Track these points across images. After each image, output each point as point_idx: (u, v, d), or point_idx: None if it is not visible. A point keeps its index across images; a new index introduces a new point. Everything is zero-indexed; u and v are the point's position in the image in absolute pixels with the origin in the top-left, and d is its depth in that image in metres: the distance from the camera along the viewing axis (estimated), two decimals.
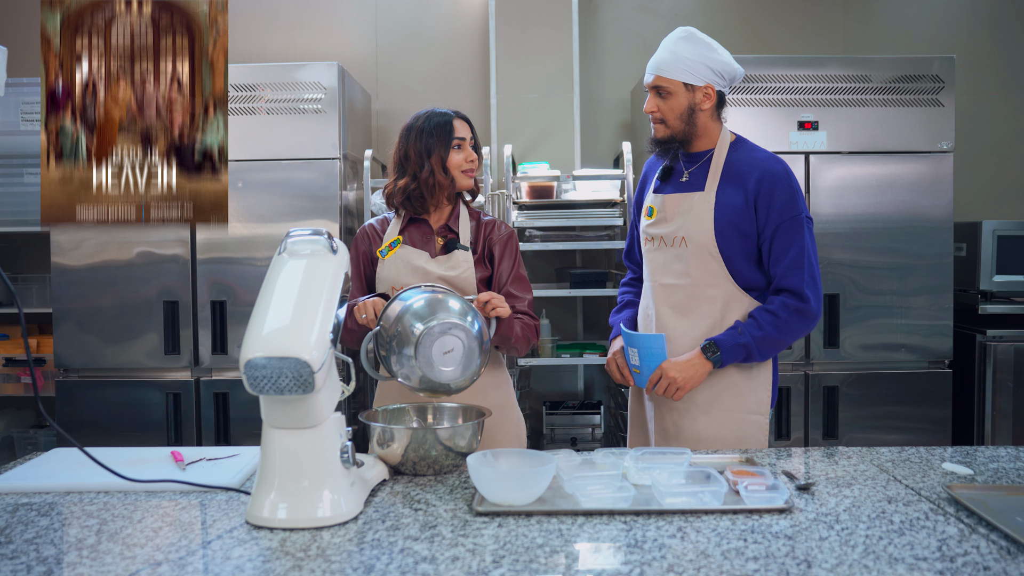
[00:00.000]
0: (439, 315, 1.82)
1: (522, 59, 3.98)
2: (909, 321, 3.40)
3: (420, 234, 2.20)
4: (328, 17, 4.19)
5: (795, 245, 2.00)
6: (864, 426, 3.41)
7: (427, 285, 2.00)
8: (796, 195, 2.02)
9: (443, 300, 1.86)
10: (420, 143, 2.14)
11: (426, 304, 1.85)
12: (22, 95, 3.75)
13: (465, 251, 2.17)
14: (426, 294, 1.89)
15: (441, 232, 2.21)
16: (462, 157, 2.16)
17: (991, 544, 1.31)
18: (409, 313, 1.84)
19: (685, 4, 4.17)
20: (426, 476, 1.73)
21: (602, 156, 4.16)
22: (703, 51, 2.04)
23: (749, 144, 2.12)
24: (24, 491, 1.65)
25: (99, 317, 3.39)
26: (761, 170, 2.03)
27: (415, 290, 1.94)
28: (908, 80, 3.39)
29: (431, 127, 2.15)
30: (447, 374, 1.82)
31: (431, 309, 1.84)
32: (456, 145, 2.15)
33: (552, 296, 3.67)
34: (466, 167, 2.16)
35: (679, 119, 2.06)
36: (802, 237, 2.01)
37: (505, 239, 2.22)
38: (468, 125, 2.20)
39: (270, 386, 1.41)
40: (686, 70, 2.03)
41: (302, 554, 1.30)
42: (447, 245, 2.18)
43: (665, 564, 1.25)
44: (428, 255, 2.16)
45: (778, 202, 2.00)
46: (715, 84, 2.05)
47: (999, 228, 3.58)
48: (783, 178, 2.02)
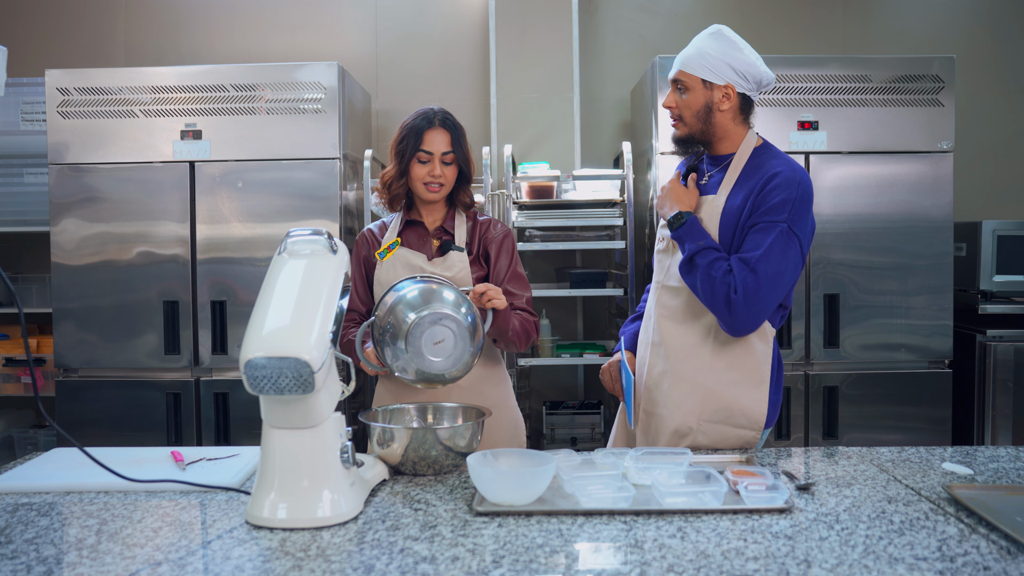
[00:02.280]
0: (432, 305, 1.82)
1: (522, 59, 3.98)
2: (909, 321, 3.40)
3: (417, 236, 2.21)
4: (328, 17, 4.19)
5: (759, 246, 1.88)
6: (864, 426, 3.41)
7: (423, 276, 2.00)
8: (791, 204, 1.89)
9: (437, 291, 1.86)
10: (398, 141, 2.17)
11: (419, 294, 1.86)
12: (22, 95, 3.76)
13: (460, 252, 2.17)
14: (420, 284, 1.89)
15: (437, 234, 2.22)
16: (425, 171, 2.13)
17: (991, 544, 1.31)
18: (402, 303, 1.84)
19: (685, 4, 4.17)
20: (426, 476, 1.73)
21: (602, 156, 4.16)
22: (727, 49, 1.98)
23: (774, 151, 2.03)
24: (24, 491, 1.65)
25: (99, 317, 3.39)
26: (769, 174, 1.94)
27: (410, 280, 1.95)
28: (908, 80, 3.39)
29: (408, 128, 2.16)
30: (437, 364, 1.82)
31: (424, 299, 1.84)
32: (421, 159, 2.13)
33: (552, 296, 3.67)
34: (428, 180, 2.13)
35: (695, 117, 2.01)
36: (769, 242, 1.87)
37: (500, 238, 2.22)
38: (449, 135, 2.15)
39: (270, 386, 1.41)
40: (706, 66, 1.98)
41: (302, 554, 1.30)
42: (443, 247, 2.19)
43: (665, 564, 1.25)
44: (425, 257, 2.17)
45: (767, 203, 1.90)
46: (736, 85, 1.98)
47: (999, 228, 3.58)
48: (786, 183, 1.91)
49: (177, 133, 3.37)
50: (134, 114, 3.39)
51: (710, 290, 1.90)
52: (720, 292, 1.89)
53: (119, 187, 3.38)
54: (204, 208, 3.36)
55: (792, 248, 1.90)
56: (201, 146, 3.36)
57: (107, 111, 3.39)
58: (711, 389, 1.99)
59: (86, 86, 3.38)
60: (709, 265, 1.91)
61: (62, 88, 3.38)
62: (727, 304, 1.89)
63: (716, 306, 1.91)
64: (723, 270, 1.90)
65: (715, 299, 1.90)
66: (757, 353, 1.99)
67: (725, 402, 1.98)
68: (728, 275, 1.89)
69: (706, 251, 1.93)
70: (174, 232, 3.38)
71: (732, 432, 1.99)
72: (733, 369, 1.99)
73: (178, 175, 3.38)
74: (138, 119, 3.38)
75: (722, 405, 1.98)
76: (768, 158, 2.01)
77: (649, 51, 4.07)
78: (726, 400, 1.98)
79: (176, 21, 4.20)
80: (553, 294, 3.63)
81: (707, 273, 1.91)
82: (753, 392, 1.99)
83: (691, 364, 2.01)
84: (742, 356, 1.99)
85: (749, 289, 1.87)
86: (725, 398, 1.98)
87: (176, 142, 3.37)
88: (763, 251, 1.88)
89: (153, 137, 3.38)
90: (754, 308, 1.88)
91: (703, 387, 1.99)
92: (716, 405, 1.99)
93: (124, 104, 3.39)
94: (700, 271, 1.92)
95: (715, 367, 1.99)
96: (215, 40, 4.20)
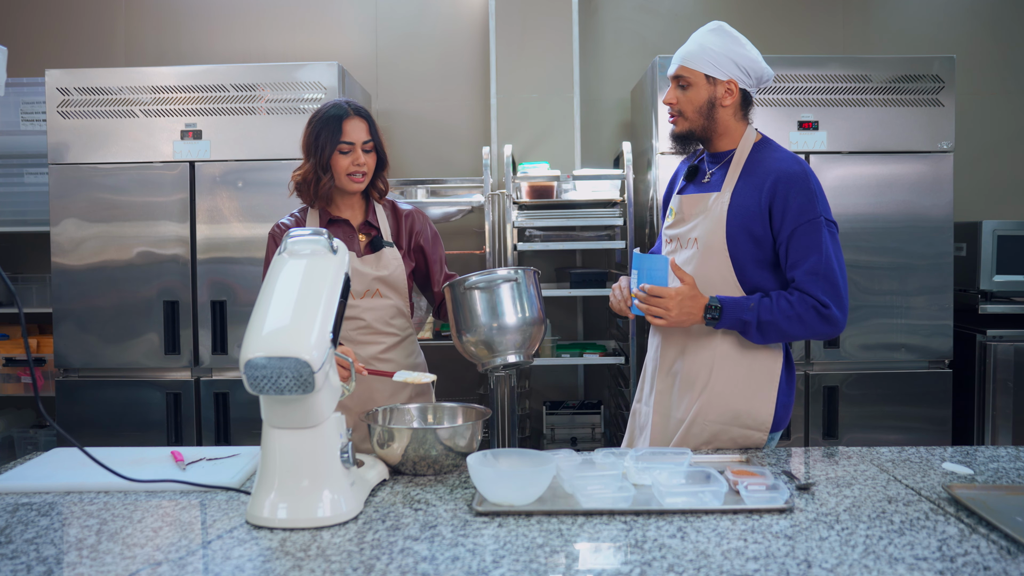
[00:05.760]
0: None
1: (522, 59, 3.98)
2: (909, 321, 3.40)
3: (343, 234, 2.18)
4: (328, 17, 4.19)
5: (814, 250, 1.91)
6: (864, 426, 3.41)
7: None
8: (814, 197, 1.93)
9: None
10: (311, 135, 2.12)
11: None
12: (22, 95, 3.76)
13: (391, 247, 2.17)
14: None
15: (363, 229, 2.20)
16: (349, 161, 2.10)
17: (991, 544, 1.31)
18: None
19: (685, 4, 4.17)
20: (426, 476, 1.73)
21: (602, 156, 4.16)
22: (729, 44, 1.97)
23: (773, 145, 2.04)
24: (24, 491, 1.65)
25: (99, 317, 3.39)
26: (777, 171, 1.94)
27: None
28: (908, 80, 3.39)
29: (323, 123, 2.10)
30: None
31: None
32: (343, 150, 2.10)
33: (552, 296, 3.67)
34: (352, 170, 2.11)
35: (697, 112, 2.00)
36: (820, 241, 1.91)
37: (431, 236, 2.27)
38: (366, 123, 2.12)
39: (270, 386, 1.41)
40: (709, 61, 1.97)
41: (302, 554, 1.30)
42: (372, 244, 2.17)
43: (665, 564, 1.25)
44: (355, 255, 2.15)
45: (794, 204, 1.91)
46: (738, 80, 1.98)
47: (999, 228, 3.58)
48: (799, 179, 1.93)
49: (177, 133, 3.37)
50: (134, 114, 3.39)
51: (800, 324, 1.91)
52: (810, 317, 1.90)
53: (119, 187, 3.38)
54: (204, 208, 3.36)
55: (835, 235, 1.96)
56: (201, 146, 3.36)
57: (107, 111, 3.39)
58: (719, 391, 1.99)
59: (86, 86, 3.38)
60: (779, 310, 1.91)
61: (62, 88, 3.39)
62: (824, 320, 1.90)
63: (816, 330, 1.92)
64: (791, 301, 1.91)
65: (810, 326, 1.91)
66: (767, 354, 1.99)
67: (733, 403, 1.98)
68: (803, 298, 1.90)
69: (762, 306, 1.92)
70: (174, 232, 3.38)
71: (739, 433, 1.98)
72: (742, 370, 1.99)
73: (178, 175, 3.38)
74: (138, 119, 3.39)
75: (730, 406, 1.98)
76: (769, 152, 2.01)
77: (649, 51, 4.07)
78: (734, 401, 1.98)
79: (176, 21, 4.20)
80: (553, 294, 3.63)
81: (786, 317, 1.90)
82: (761, 393, 1.99)
83: (700, 366, 2.01)
84: (751, 357, 1.99)
85: (831, 293, 1.90)
86: (733, 399, 1.98)
87: (176, 142, 3.37)
88: (821, 254, 1.91)
89: (153, 137, 3.38)
90: (843, 302, 1.92)
91: (712, 388, 1.99)
92: (724, 406, 1.98)
93: (124, 104, 3.39)
94: (779, 321, 1.91)
95: (724, 368, 1.99)
96: (215, 40, 4.20)
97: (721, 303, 1.92)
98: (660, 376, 2.09)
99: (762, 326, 1.91)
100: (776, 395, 2.00)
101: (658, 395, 2.09)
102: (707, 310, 1.92)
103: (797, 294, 1.91)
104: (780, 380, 2.01)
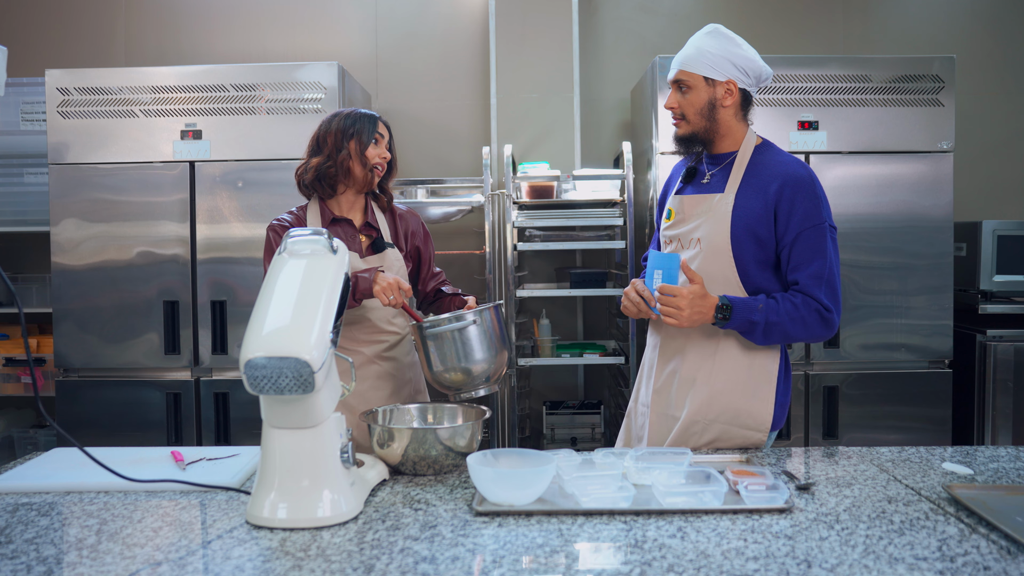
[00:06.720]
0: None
1: (522, 59, 3.98)
2: (909, 321, 3.40)
3: (345, 233, 2.21)
4: (328, 17, 4.19)
5: (818, 255, 1.93)
6: (864, 426, 3.41)
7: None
8: (819, 202, 1.95)
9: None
10: (343, 125, 2.19)
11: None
12: (22, 95, 3.76)
13: (393, 248, 2.24)
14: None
15: (363, 230, 2.25)
16: (378, 151, 2.20)
17: (991, 544, 1.31)
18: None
19: (685, 4, 4.17)
20: (426, 476, 1.73)
21: (602, 156, 4.16)
22: (726, 46, 1.99)
23: (775, 148, 2.06)
24: (24, 491, 1.66)
25: (99, 317, 3.39)
26: (784, 176, 1.96)
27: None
28: (908, 80, 3.38)
29: (357, 116, 2.21)
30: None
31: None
32: (375, 140, 2.20)
33: (552, 296, 3.67)
34: (377, 161, 2.20)
35: (699, 114, 2.02)
36: (824, 247, 1.94)
37: (424, 235, 2.34)
38: (389, 132, 2.27)
39: (270, 386, 1.41)
40: (707, 64, 1.98)
41: (302, 554, 1.30)
42: (374, 245, 2.22)
43: (665, 564, 1.25)
44: (358, 255, 2.19)
45: (800, 208, 1.94)
46: (738, 80, 2.00)
47: (999, 228, 3.58)
48: (806, 184, 1.95)
49: (177, 133, 3.37)
50: (134, 114, 3.39)
51: (802, 326, 1.93)
52: (813, 320, 1.93)
53: (119, 187, 3.38)
54: (204, 208, 3.36)
55: (835, 240, 1.99)
56: (201, 146, 3.36)
57: (107, 111, 3.39)
58: (719, 390, 1.99)
59: (86, 86, 3.38)
60: (785, 312, 1.93)
61: (62, 88, 3.38)
62: (825, 323, 1.94)
63: (816, 332, 1.95)
64: (796, 303, 1.93)
65: (812, 328, 1.94)
66: (765, 354, 2.00)
67: (732, 403, 1.99)
68: (807, 301, 1.93)
69: (769, 308, 1.93)
70: (174, 232, 3.38)
71: (739, 433, 1.99)
72: (741, 370, 2.00)
73: (178, 175, 3.38)
74: (138, 119, 3.38)
75: (729, 406, 1.99)
76: (772, 155, 2.03)
77: (649, 51, 4.07)
78: (733, 401, 1.99)
79: (176, 21, 4.20)
80: (553, 294, 3.62)
81: (791, 319, 1.93)
82: (760, 393, 1.99)
83: (699, 365, 2.02)
84: (750, 357, 2.00)
85: (832, 298, 1.94)
86: (733, 399, 1.99)
87: (176, 142, 3.37)
88: (825, 260, 1.94)
89: (153, 137, 3.38)
90: (840, 307, 1.97)
91: (711, 388, 1.99)
92: (723, 406, 1.99)
93: (124, 104, 3.39)
94: (785, 323, 1.93)
95: (723, 368, 2.00)
96: (215, 40, 4.20)
97: (731, 303, 1.93)
98: (658, 375, 2.09)
99: (768, 327, 1.93)
100: (775, 395, 2.00)
101: (656, 394, 2.09)
102: (718, 310, 1.92)
103: (801, 297, 1.93)
104: (778, 380, 2.02)
